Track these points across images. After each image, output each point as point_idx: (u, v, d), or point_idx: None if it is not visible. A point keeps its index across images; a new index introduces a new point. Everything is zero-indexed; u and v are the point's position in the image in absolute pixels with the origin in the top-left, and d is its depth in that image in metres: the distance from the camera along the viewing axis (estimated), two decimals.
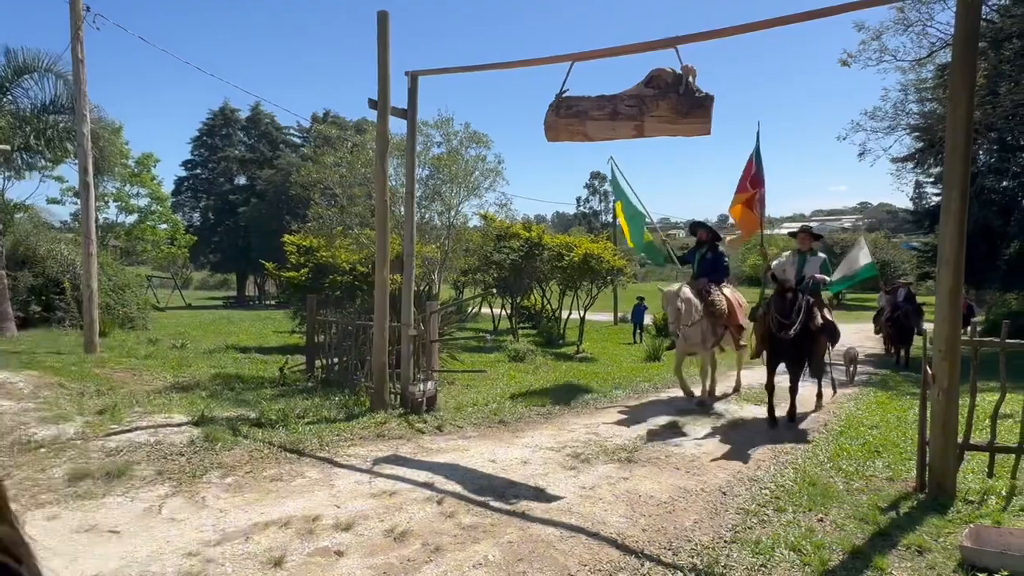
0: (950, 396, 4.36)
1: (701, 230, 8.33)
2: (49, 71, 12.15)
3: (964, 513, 4.10)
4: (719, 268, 8.16)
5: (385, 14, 6.83)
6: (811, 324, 6.53)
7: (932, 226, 22.26)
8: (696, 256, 8.25)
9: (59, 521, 3.72)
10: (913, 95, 19.08)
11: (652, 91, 5.43)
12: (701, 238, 8.27)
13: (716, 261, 8.15)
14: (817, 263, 7.16)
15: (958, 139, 4.26)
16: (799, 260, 7.22)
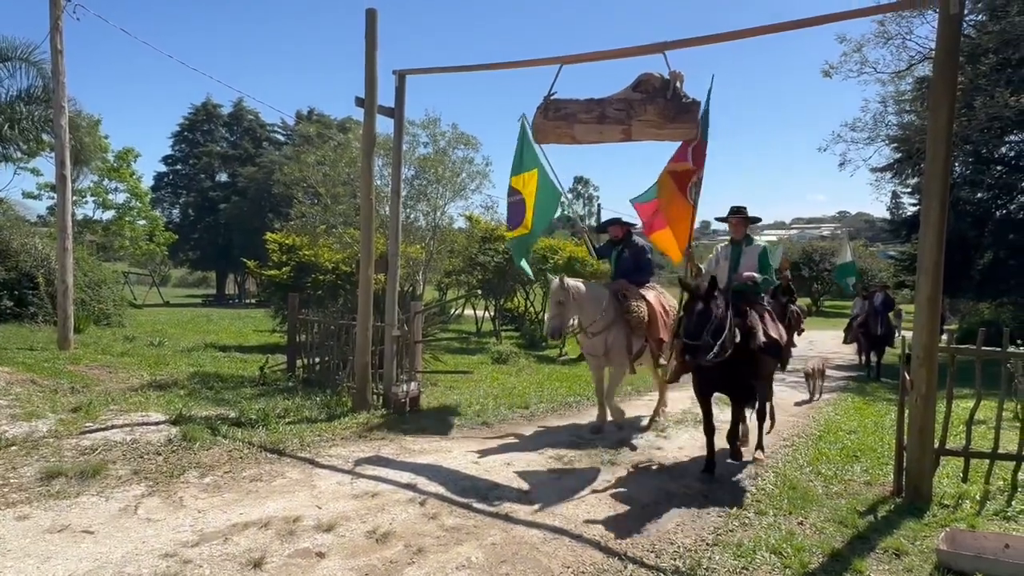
0: (928, 402, 4.43)
1: (613, 226, 6.98)
2: (23, 60, 11.90)
3: (940, 517, 4.17)
4: (641, 267, 6.80)
5: (373, 12, 6.80)
6: (749, 342, 4.84)
7: (909, 235, 22.68)
8: (612, 255, 6.95)
9: (31, 521, 3.62)
10: (892, 107, 19.47)
11: (640, 95, 5.47)
12: (615, 235, 6.93)
13: (637, 259, 6.79)
14: (754, 255, 5.44)
15: (938, 150, 4.34)
16: (733, 253, 5.57)
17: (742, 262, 5.47)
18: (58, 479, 4.22)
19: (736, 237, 5.59)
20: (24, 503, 3.84)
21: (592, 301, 6.18)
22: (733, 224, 5.60)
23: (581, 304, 6.12)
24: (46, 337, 10.36)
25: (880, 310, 13.15)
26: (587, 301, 6.15)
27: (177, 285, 52.27)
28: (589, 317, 6.18)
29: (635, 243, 6.85)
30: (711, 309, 4.52)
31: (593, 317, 6.15)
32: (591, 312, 6.16)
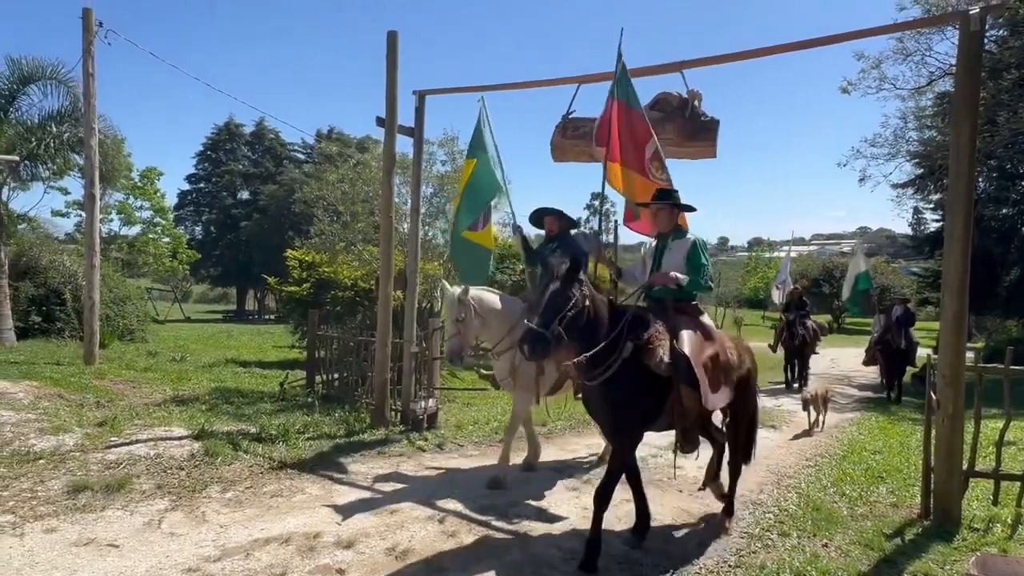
0: (955, 422, 4.35)
1: (548, 217, 5.63)
2: (54, 79, 12.25)
3: (970, 541, 4.07)
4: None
5: (394, 34, 6.94)
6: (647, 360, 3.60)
7: (932, 252, 22.36)
8: (543, 255, 5.39)
9: (58, 534, 3.68)
10: (913, 122, 19.30)
11: (658, 114, 5.51)
12: (550, 230, 5.62)
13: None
14: (681, 252, 4.18)
15: (961, 166, 4.30)
16: (657, 249, 4.38)
17: (665, 260, 4.23)
18: (84, 493, 4.28)
19: (661, 229, 4.38)
20: (52, 516, 3.90)
21: (499, 317, 5.17)
22: (654, 213, 4.41)
23: (485, 320, 5.11)
24: (72, 352, 10.56)
25: (900, 324, 12.10)
26: (492, 316, 5.14)
27: (198, 301, 53.07)
28: (495, 335, 5.19)
29: (572, 241, 5.52)
30: (570, 294, 3.40)
31: (500, 335, 5.13)
32: (497, 329, 5.15)
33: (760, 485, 5.39)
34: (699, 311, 4.26)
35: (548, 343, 3.29)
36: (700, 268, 4.16)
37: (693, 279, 4.13)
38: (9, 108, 12.21)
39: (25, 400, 6.63)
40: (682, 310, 4.10)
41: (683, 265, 4.16)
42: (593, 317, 3.54)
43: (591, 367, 3.55)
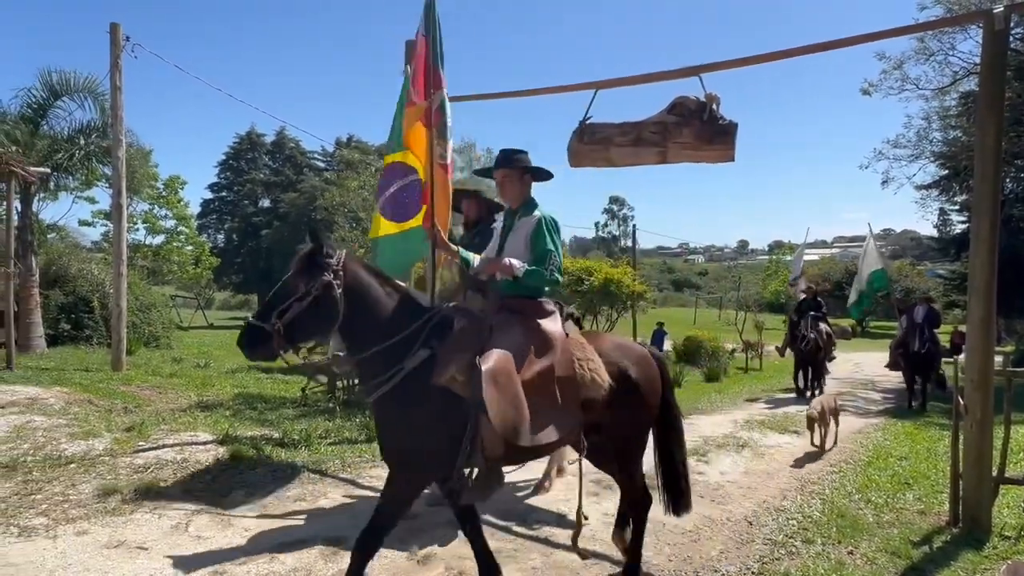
0: (983, 428, 4.27)
1: (466, 200, 4.85)
2: (86, 91, 12.56)
3: (1001, 549, 3.99)
4: None
5: (412, 43, 7.01)
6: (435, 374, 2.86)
7: (958, 254, 21.97)
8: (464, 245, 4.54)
9: (89, 536, 3.77)
10: (937, 123, 19.02)
11: (676, 118, 5.49)
12: (468, 215, 4.87)
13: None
14: (524, 232, 3.30)
15: (987, 167, 4.24)
16: (504, 228, 3.52)
17: (509, 243, 3.38)
18: (114, 496, 4.38)
19: (510, 203, 3.50)
20: (83, 519, 4.00)
21: None
22: (499, 181, 3.45)
23: None
24: (100, 358, 10.79)
25: (922, 324, 10.99)
26: None
27: (220, 308, 53.81)
28: None
29: (491, 229, 4.57)
30: (296, 283, 2.82)
31: None
32: None
33: (783, 491, 5.34)
34: (544, 311, 3.24)
35: (269, 339, 2.74)
36: (544, 255, 3.19)
37: (533, 269, 3.19)
38: (40, 121, 12.56)
39: (56, 406, 6.79)
40: (517, 309, 3.20)
41: (524, 249, 3.26)
42: (357, 313, 2.87)
43: (366, 376, 2.94)
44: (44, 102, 12.49)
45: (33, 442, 5.45)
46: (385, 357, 2.88)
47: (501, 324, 3.08)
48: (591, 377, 3.11)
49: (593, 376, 3.12)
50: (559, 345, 3.13)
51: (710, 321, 37.97)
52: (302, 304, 2.78)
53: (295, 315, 2.77)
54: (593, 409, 3.11)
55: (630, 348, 3.43)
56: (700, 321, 37.44)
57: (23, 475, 4.68)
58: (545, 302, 3.31)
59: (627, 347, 3.42)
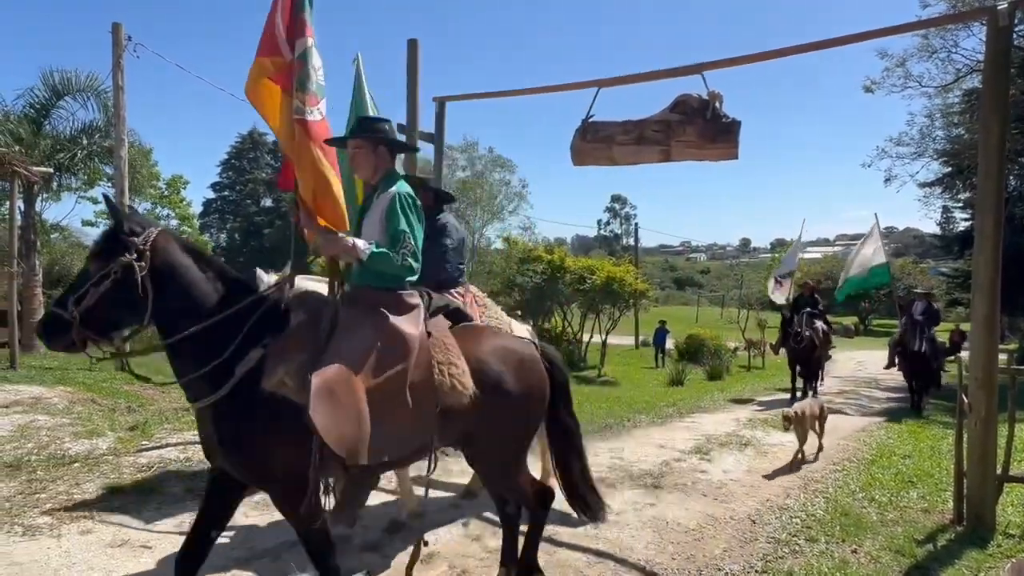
0: (988, 426, 4.26)
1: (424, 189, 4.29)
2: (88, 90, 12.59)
3: (1005, 547, 3.98)
4: (437, 259, 4.17)
5: (415, 42, 7.01)
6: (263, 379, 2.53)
7: (962, 251, 21.91)
8: None
9: (93, 535, 3.78)
10: (939, 120, 18.96)
11: (678, 116, 5.48)
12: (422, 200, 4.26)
13: (432, 243, 4.00)
14: (379, 210, 2.88)
15: (991, 164, 4.22)
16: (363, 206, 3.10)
17: (365, 223, 2.96)
18: (118, 495, 4.39)
19: (365, 178, 3.11)
20: (87, 518, 4.01)
21: None
22: (351, 153, 3.05)
23: None
24: None
25: (921, 322, 10.36)
26: None
27: None
28: None
29: (436, 221, 4.34)
30: (91, 268, 2.49)
31: None
32: None
33: (787, 489, 5.33)
34: (402, 306, 2.82)
35: (67, 328, 2.41)
36: (396, 237, 2.75)
37: (381, 252, 2.72)
38: (43, 121, 12.59)
39: (60, 405, 6.81)
40: (370, 302, 2.79)
41: (379, 228, 2.85)
42: (170, 299, 2.52)
43: (185, 370, 2.56)
44: (47, 102, 12.52)
45: (37, 441, 5.47)
46: (201, 349, 2.50)
47: (348, 321, 2.70)
48: (451, 383, 2.76)
49: (454, 382, 2.77)
50: (416, 347, 2.73)
51: (712, 320, 37.97)
52: (99, 289, 2.43)
53: (93, 302, 2.43)
54: (457, 419, 2.80)
55: (510, 349, 3.04)
56: (702, 320, 37.43)
57: (27, 474, 4.70)
58: (406, 295, 2.88)
59: (507, 348, 3.03)
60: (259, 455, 2.54)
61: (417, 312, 2.88)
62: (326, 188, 3.19)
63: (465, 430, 2.91)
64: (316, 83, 3.21)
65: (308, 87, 3.16)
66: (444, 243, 4.32)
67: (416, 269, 2.81)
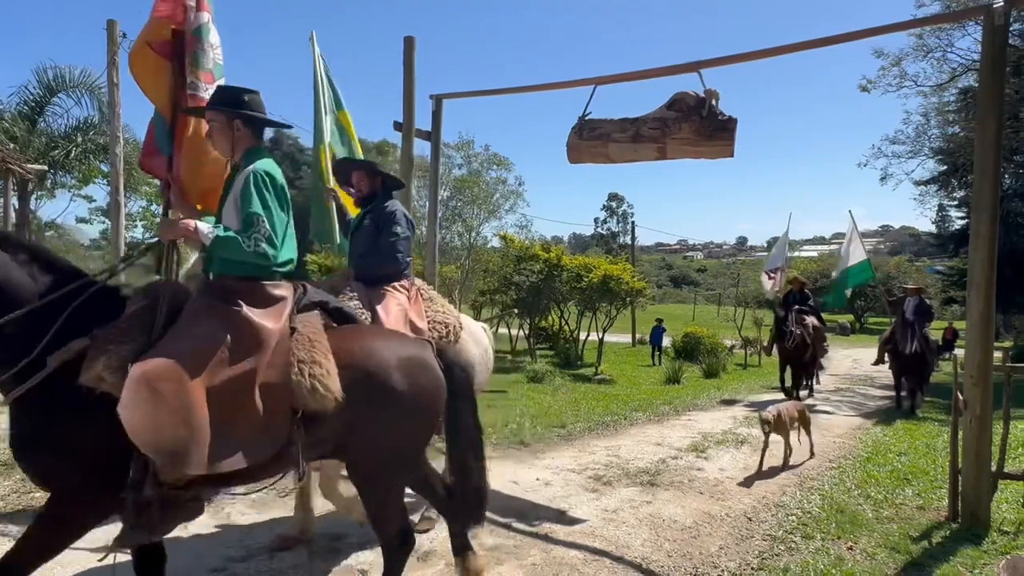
0: (983, 423, 4.27)
1: (356, 171, 4.13)
2: (83, 87, 12.53)
3: (1000, 544, 3.99)
4: (382, 249, 3.83)
5: (411, 39, 6.99)
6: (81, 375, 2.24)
7: (957, 249, 21.99)
8: (351, 226, 4.20)
9: (86, 536, 3.76)
10: (935, 119, 19.02)
11: (675, 114, 5.48)
12: (359, 191, 4.11)
13: (378, 232, 3.88)
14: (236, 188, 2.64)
15: (987, 162, 4.23)
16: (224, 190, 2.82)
17: (226, 206, 2.71)
18: None
19: (225, 156, 2.81)
20: None
21: None
22: (207, 130, 2.81)
23: None
24: None
25: (913, 320, 9.79)
26: None
27: None
28: None
29: (384, 208, 3.95)
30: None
31: None
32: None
33: (782, 487, 5.35)
34: (263, 297, 2.55)
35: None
36: (249, 220, 2.50)
37: (228, 236, 2.47)
38: (37, 118, 12.53)
39: None
40: (224, 293, 2.53)
41: (233, 209, 2.62)
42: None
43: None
44: (41, 99, 12.46)
45: None
46: (11, 341, 2.25)
47: (193, 312, 2.46)
48: (312, 385, 2.43)
49: (315, 384, 2.44)
50: (271, 343, 2.46)
51: (709, 317, 38.05)
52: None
53: None
54: (325, 426, 2.50)
55: (394, 350, 2.67)
56: (699, 318, 37.49)
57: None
58: (270, 286, 2.58)
59: (390, 349, 2.67)
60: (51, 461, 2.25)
61: (281, 305, 2.59)
62: (214, 170, 2.98)
63: (338, 440, 2.57)
64: (214, 61, 3.10)
65: (204, 64, 3.03)
66: (394, 231, 3.93)
67: (272, 256, 2.52)
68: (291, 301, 2.65)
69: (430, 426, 2.79)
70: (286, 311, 2.60)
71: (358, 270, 3.86)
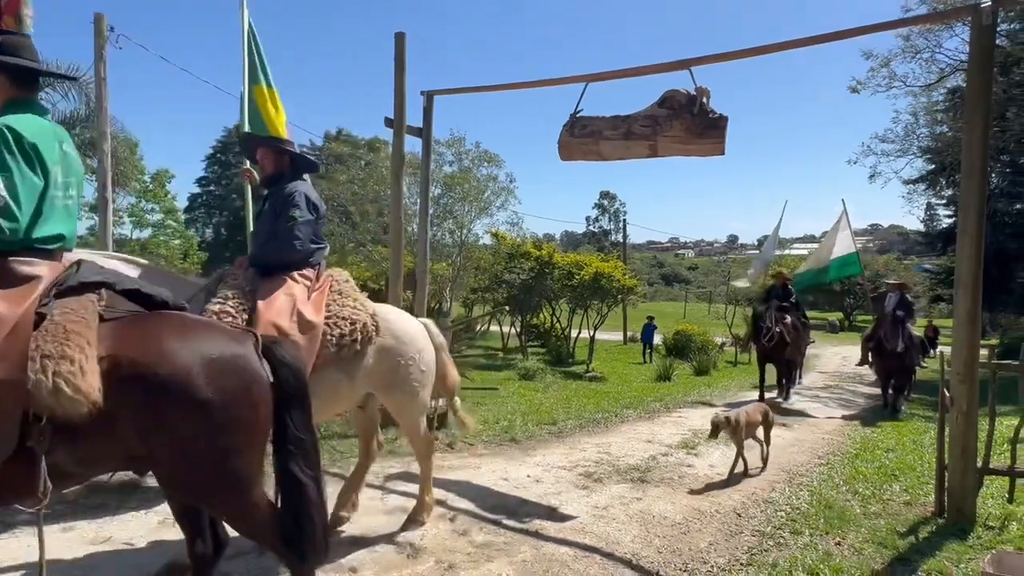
0: (969, 419, 4.32)
1: (261, 148, 3.89)
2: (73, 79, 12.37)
3: (985, 539, 4.04)
4: (279, 234, 3.61)
5: (402, 35, 6.96)
6: None
7: (945, 248, 22.19)
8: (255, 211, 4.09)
9: (75, 532, 3.73)
10: (924, 118, 19.19)
11: (666, 111, 5.49)
12: (264, 171, 3.89)
13: (276, 215, 3.66)
14: None
15: (974, 162, 4.27)
16: None
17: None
18: (100, 493, 4.33)
19: None
20: (69, 515, 3.95)
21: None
22: None
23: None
24: None
25: (895, 317, 9.40)
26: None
27: None
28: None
29: (283, 190, 3.71)
30: None
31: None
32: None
33: (772, 483, 5.38)
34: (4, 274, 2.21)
35: None
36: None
37: None
38: None
39: None
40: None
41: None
42: None
43: None
44: None
45: None
46: None
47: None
48: (55, 384, 2.01)
49: (59, 383, 2.01)
50: (5, 331, 2.06)
51: (700, 315, 38.20)
52: None
53: None
54: (90, 437, 2.09)
55: (195, 343, 2.26)
56: (690, 315, 37.64)
57: None
58: (16, 262, 2.23)
59: (189, 342, 2.25)
60: None
61: (27, 288, 2.18)
62: None
63: (132, 452, 2.22)
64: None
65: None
66: (291, 215, 3.59)
67: (8, 228, 2.14)
68: (46, 282, 2.23)
69: (249, 431, 2.32)
70: (34, 294, 2.17)
71: (252, 257, 3.66)
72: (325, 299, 3.55)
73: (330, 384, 3.45)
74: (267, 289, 3.42)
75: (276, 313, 3.29)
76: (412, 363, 3.77)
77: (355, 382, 3.59)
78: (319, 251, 3.75)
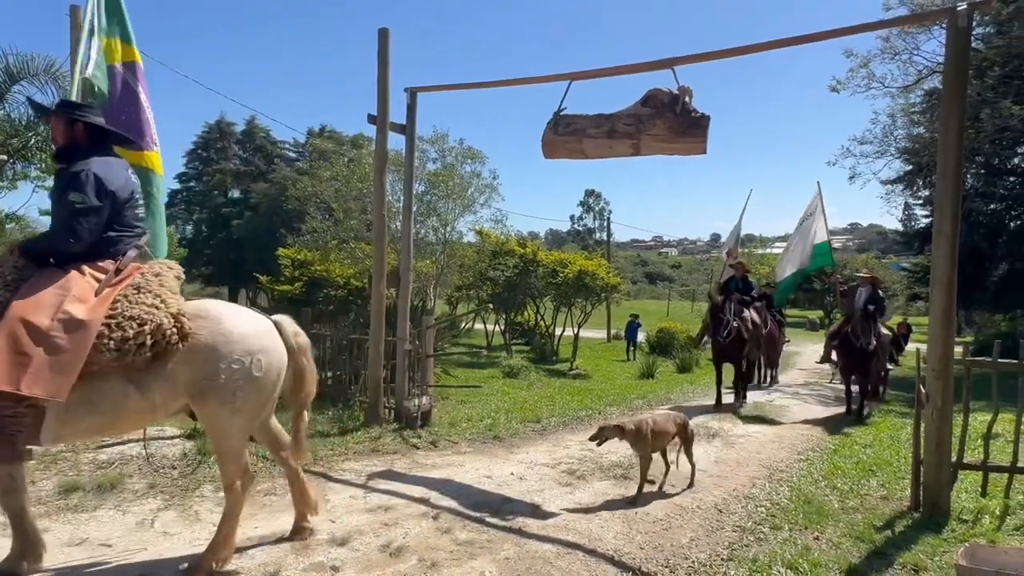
0: (944, 415, 4.40)
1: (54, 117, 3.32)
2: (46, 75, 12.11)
3: (959, 532, 4.12)
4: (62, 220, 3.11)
5: (386, 31, 6.92)
6: None
7: (922, 247, 22.55)
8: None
9: (50, 534, 3.65)
10: (901, 120, 19.51)
11: (649, 110, 5.52)
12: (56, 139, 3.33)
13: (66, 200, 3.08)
14: None
15: (949, 162, 4.35)
16: None
17: None
18: (76, 493, 4.26)
19: None
20: (44, 516, 3.88)
21: None
22: None
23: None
24: None
25: (867, 312, 8.54)
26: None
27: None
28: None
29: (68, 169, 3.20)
30: None
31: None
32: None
33: (752, 479, 5.44)
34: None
35: None
36: None
37: None
38: None
39: None
40: None
41: None
42: None
43: None
44: (1, 86, 12.02)
45: None
46: None
47: None
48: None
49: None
50: None
51: (683, 313, 38.48)
52: None
53: None
54: None
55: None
56: (673, 313, 37.90)
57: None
58: None
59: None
60: None
61: None
62: None
63: None
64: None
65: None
66: (70, 199, 3.05)
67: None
68: None
69: None
70: None
71: (24, 245, 3.19)
72: (114, 294, 3.04)
73: (113, 396, 2.95)
74: (36, 282, 2.96)
75: (32, 309, 2.84)
76: (238, 368, 3.11)
77: (150, 394, 3.01)
78: (124, 240, 3.25)
